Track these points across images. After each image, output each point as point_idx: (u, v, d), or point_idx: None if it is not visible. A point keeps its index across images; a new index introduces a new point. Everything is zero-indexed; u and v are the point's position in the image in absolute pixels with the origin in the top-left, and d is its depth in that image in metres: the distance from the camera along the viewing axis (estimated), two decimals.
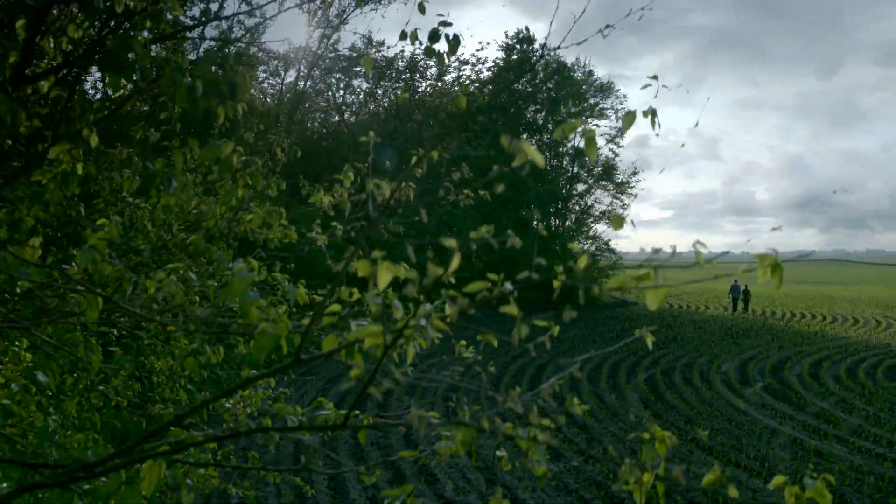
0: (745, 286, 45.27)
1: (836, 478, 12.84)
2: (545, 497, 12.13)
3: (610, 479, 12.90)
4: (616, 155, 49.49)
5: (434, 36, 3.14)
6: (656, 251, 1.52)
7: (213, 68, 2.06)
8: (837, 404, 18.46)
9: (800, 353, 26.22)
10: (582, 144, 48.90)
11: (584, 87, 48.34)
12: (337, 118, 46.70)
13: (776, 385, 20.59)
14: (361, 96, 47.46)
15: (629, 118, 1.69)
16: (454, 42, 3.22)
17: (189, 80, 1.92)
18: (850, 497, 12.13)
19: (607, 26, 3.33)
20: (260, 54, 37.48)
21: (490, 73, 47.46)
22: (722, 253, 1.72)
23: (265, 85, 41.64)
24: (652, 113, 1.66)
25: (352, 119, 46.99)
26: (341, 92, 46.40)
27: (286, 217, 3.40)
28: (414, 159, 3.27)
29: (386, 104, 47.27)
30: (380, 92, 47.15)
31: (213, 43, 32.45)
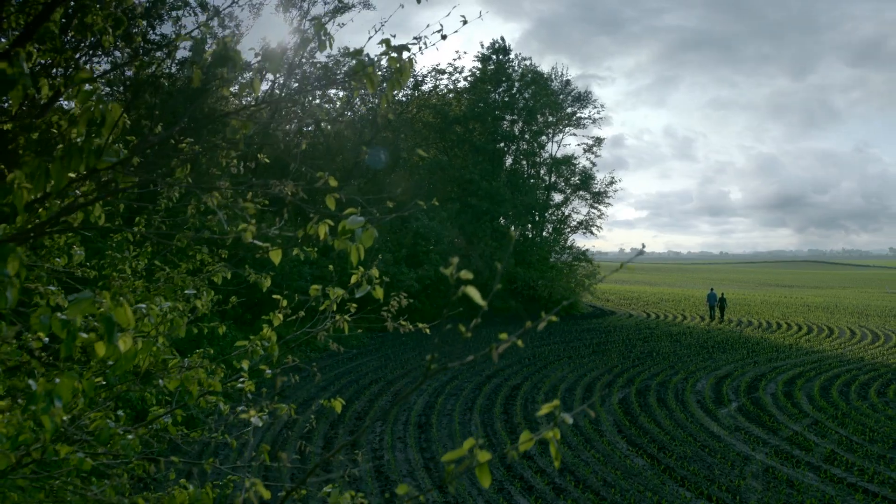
0: (722, 294, 45.70)
1: None
2: None
3: None
4: (594, 164, 49.59)
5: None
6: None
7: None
8: (811, 427, 18.48)
9: (774, 369, 26.28)
10: (560, 154, 49.06)
11: (560, 96, 48.41)
12: (313, 127, 46.37)
13: (750, 406, 20.60)
14: (338, 104, 47.20)
15: None
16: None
17: (64, 316, 1.76)
18: None
19: None
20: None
21: (467, 82, 47.38)
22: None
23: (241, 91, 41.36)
24: None
25: (328, 127, 46.71)
26: (317, 101, 46.12)
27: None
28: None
29: (363, 111, 47.02)
30: (357, 101, 46.90)
31: (187, 53, 32.19)
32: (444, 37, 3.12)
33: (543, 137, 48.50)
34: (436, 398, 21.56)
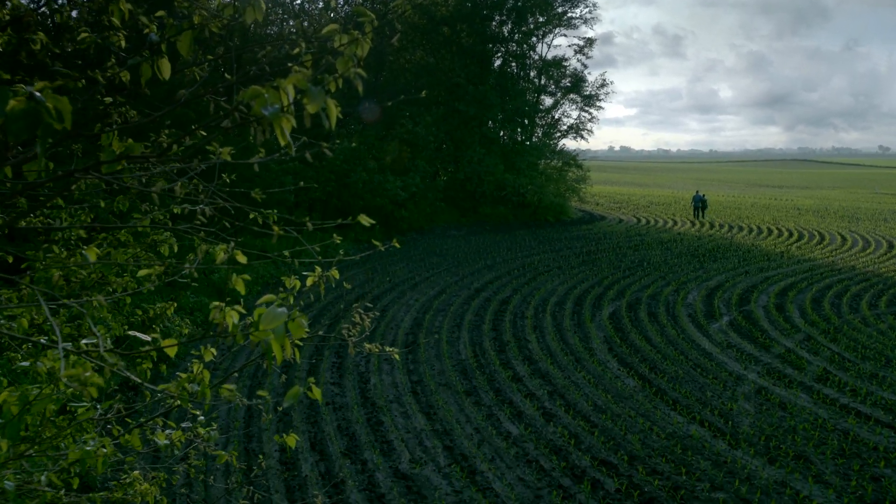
0: (703, 195, 47.06)
1: (799, 438, 12.65)
2: (504, 468, 11.75)
3: (572, 444, 12.56)
4: (585, 66, 48.21)
5: None
6: None
7: None
8: (803, 343, 18.26)
9: (766, 279, 26.02)
10: (550, 55, 47.56)
11: None
12: (294, 29, 44.67)
13: (742, 321, 20.35)
14: (321, 5, 45.37)
15: None
16: None
17: None
18: (815, 460, 11.89)
19: None
20: None
21: None
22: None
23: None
24: None
25: (311, 29, 45.00)
26: (299, 1, 44.37)
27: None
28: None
29: (346, 12, 45.23)
30: (340, 1, 45.09)
31: None
32: None
33: (533, 38, 46.82)
34: (423, 314, 21.22)
